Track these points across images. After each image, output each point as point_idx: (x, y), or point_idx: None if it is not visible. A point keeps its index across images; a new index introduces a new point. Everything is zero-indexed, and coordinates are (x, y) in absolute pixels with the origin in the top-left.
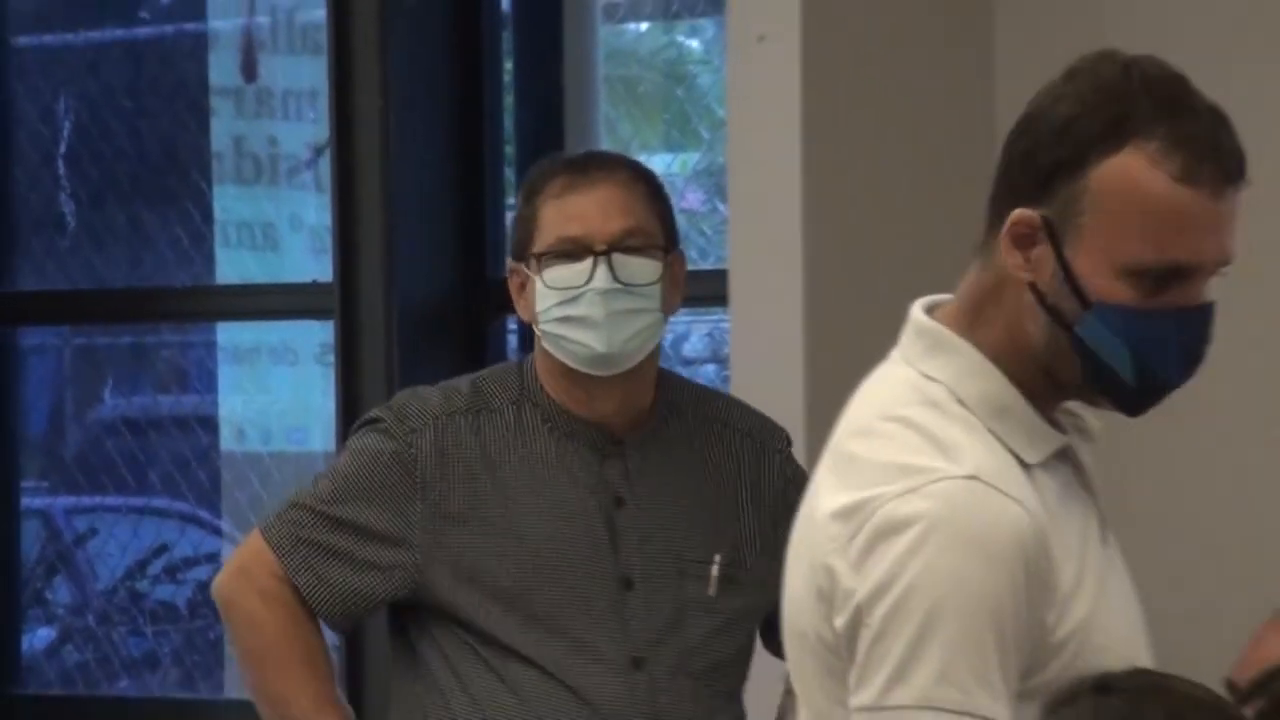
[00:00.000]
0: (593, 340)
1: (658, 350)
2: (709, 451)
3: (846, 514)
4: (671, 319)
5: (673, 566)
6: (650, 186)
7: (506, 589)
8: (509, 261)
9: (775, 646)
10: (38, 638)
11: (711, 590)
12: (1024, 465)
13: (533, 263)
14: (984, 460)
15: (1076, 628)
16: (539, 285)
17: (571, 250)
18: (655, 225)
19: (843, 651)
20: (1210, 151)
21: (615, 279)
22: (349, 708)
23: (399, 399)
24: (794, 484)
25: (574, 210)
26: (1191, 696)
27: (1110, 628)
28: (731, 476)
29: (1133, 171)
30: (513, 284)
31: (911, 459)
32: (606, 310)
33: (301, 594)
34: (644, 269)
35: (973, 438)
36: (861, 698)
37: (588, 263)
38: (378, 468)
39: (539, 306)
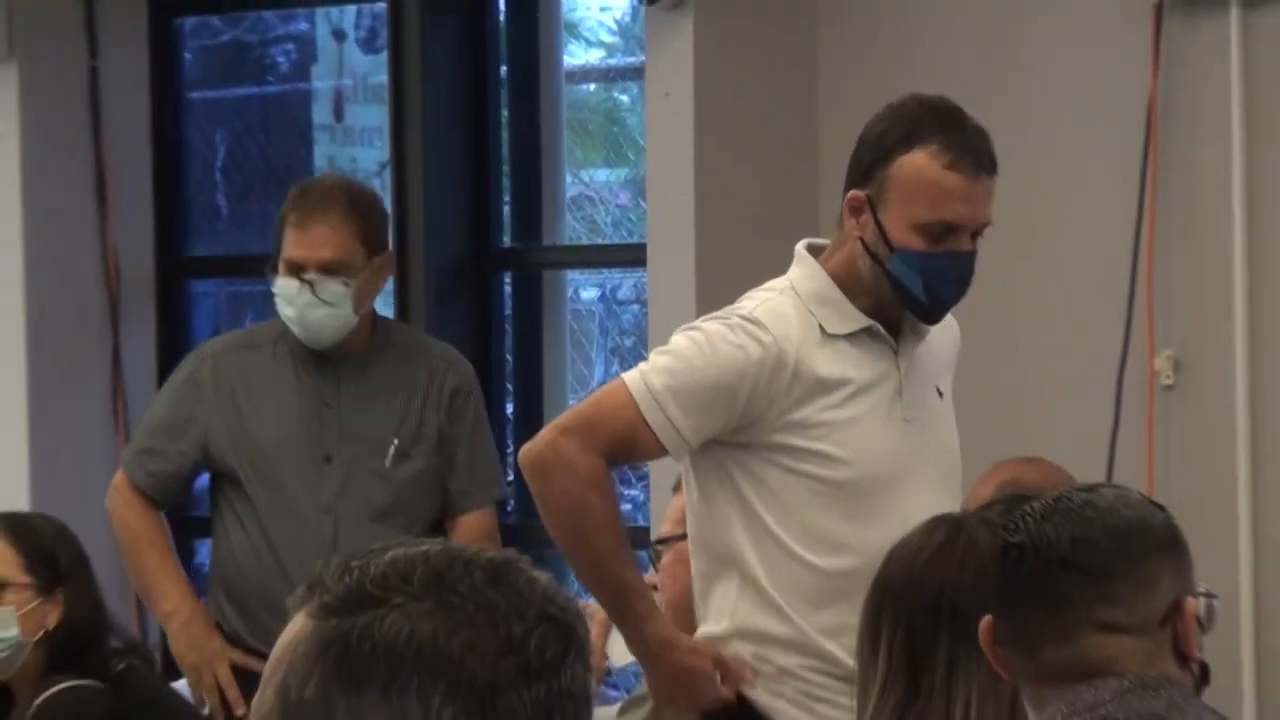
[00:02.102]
0: (300, 332)
1: (365, 316)
2: (404, 369)
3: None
4: (607, 273)
5: (359, 447)
6: (355, 221)
7: (251, 465)
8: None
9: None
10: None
11: (387, 462)
12: (825, 334)
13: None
14: (775, 311)
15: (832, 425)
16: (278, 283)
17: (291, 270)
18: (355, 250)
19: None
20: (971, 151)
21: (315, 296)
22: (184, 575)
23: (200, 345)
24: (464, 393)
25: (296, 241)
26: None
27: (864, 440)
28: (420, 384)
29: (918, 163)
30: (270, 267)
31: (735, 306)
32: (307, 317)
33: (142, 491)
34: (337, 289)
35: (782, 303)
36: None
37: (298, 283)
38: (178, 390)
39: (277, 296)
